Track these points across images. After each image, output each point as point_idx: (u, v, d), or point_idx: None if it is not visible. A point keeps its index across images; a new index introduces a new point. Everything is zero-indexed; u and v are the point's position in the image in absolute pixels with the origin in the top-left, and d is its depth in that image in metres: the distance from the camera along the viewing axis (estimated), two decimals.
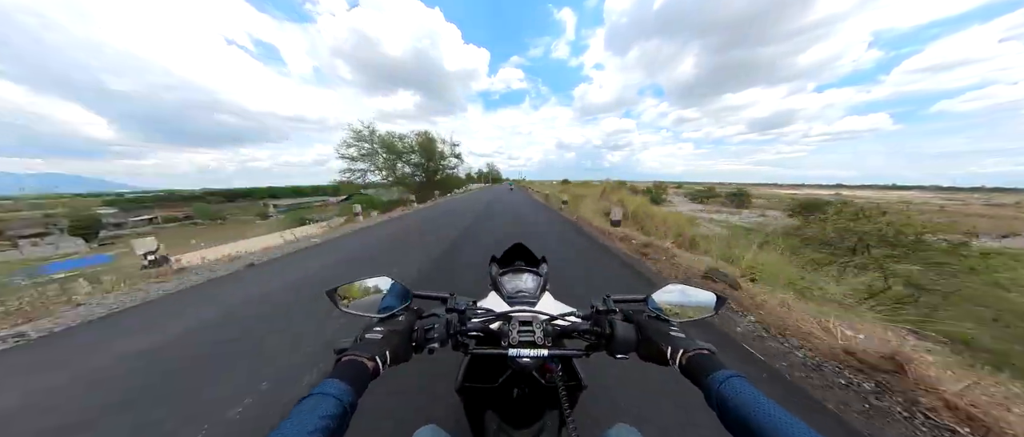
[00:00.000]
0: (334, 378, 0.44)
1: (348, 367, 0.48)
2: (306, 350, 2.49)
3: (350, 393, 0.43)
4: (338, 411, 0.40)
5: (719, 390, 0.43)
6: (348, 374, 0.46)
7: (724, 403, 0.42)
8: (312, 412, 0.38)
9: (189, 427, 1.74)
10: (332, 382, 0.43)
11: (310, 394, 0.41)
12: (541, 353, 0.61)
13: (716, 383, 0.44)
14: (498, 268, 1.23)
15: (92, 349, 2.71)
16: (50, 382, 2.22)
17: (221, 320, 3.20)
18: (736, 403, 0.41)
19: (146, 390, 2.10)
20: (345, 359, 0.50)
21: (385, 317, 0.64)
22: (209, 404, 1.93)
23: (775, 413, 0.38)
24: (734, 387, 0.42)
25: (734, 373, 0.45)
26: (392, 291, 0.71)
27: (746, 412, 0.39)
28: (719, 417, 0.43)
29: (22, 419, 1.88)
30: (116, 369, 2.37)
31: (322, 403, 0.39)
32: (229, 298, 3.85)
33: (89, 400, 2.02)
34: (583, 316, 0.74)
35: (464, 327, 0.68)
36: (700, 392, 0.47)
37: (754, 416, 0.38)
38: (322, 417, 0.38)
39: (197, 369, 2.33)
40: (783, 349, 2.44)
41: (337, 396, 0.41)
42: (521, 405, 0.76)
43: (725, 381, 0.44)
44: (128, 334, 2.97)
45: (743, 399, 0.41)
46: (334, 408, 0.39)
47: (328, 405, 0.39)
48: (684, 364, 0.51)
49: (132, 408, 1.93)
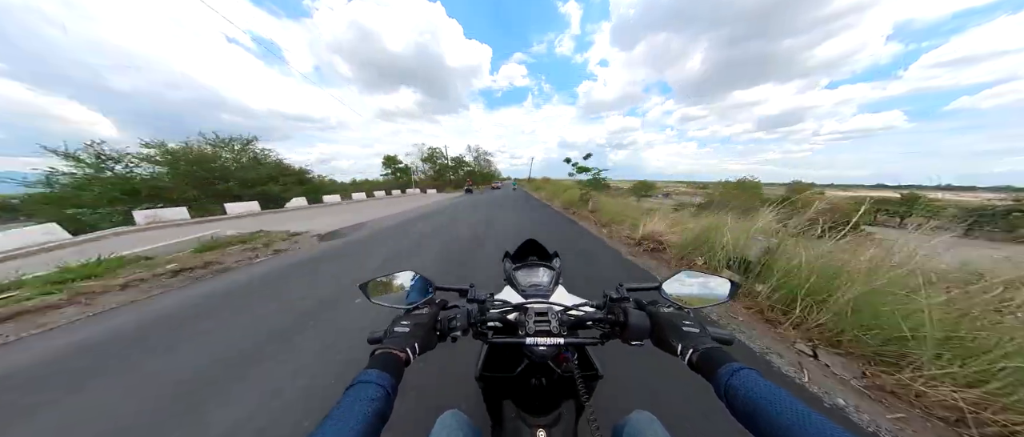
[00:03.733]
0: (374, 368, 0.48)
1: (383, 358, 0.52)
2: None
3: (389, 379, 0.47)
4: (383, 394, 0.44)
5: (728, 382, 0.44)
6: (384, 364, 0.50)
7: (733, 395, 0.43)
8: (361, 397, 0.42)
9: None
10: (372, 371, 0.47)
11: (355, 382, 0.45)
12: (557, 341, 0.63)
13: (725, 376, 0.45)
14: (512, 264, 1.25)
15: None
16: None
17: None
18: (744, 394, 0.41)
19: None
20: (379, 352, 0.54)
21: (411, 309, 0.69)
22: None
23: (784, 401, 0.38)
24: (743, 379, 0.43)
25: (743, 366, 0.46)
26: (416, 285, 0.76)
27: (754, 402, 0.40)
28: (728, 408, 0.44)
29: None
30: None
31: (367, 389, 0.44)
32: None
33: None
34: (597, 306, 0.76)
35: (483, 317, 0.71)
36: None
37: (762, 405, 0.39)
38: (371, 400, 0.42)
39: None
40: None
41: (379, 383, 0.45)
42: (538, 394, 0.78)
43: (734, 374, 0.44)
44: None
45: (751, 390, 0.41)
46: (379, 392, 0.44)
47: (373, 391, 0.44)
48: (693, 361, 0.51)
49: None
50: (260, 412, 1.79)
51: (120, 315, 3.33)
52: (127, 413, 1.84)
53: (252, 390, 1.98)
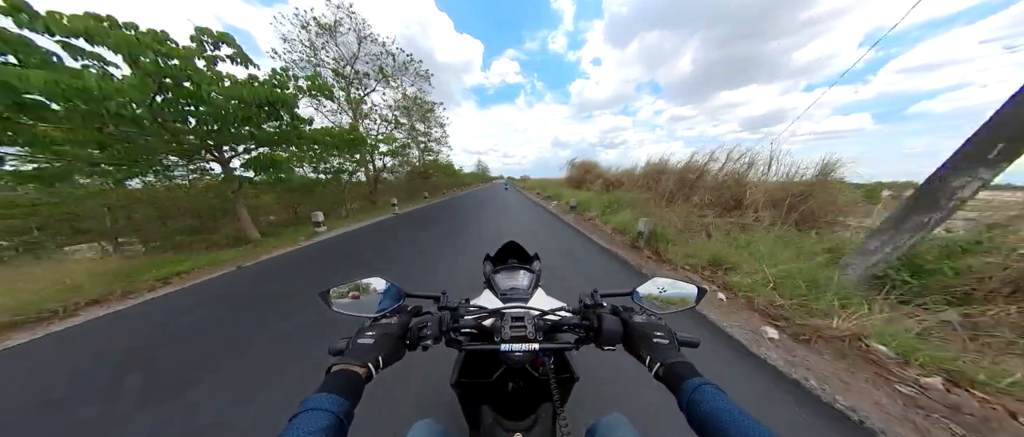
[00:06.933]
0: (324, 391, 0.43)
1: (339, 377, 0.47)
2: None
3: (342, 403, 0.42)
4: (332, 423, 0.40)
5: (690, 397, 0.46)
6: (339, 384, 0.46)
7: (694, 408, 0.45)
8: (304, 430, 0.38)
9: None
10: (322, 396, 0.42)
11: (301, 411, 0.40)
12: (532, 347, 0.62)
13: (688, 390, 0.47)
14: (492, 266, 1.24)
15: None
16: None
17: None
18: (703, 407, 0.43)
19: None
20: (336, 369, 0.49)
21: (378, 317, 0.66)
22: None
23: (737, 417, 0.41)
24: (703, 394, 0.45)
25: (705, 381, 0.48)
26: (386, 292, 0.73)
27: (711, 416, 0.42)
28: (688, 420, 0.46)
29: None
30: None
31: (315, 418, 0.39)
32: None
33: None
34: (573, 311, 0.76)
35: (457, 324, 0.70)
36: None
37: (717, 419, 0.41)
38: (320, 432, 0.38)
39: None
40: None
41: (329, 409, 0.41)
42: (516, 398, 0.78)
43: (696, 388, 0.46)
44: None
45: (710, 404, 0.43)
46: (328, 420, 0.39)
47: (322, 419, 0.39)
48: (660, 374, 0.53)
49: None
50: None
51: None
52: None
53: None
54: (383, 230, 7.98)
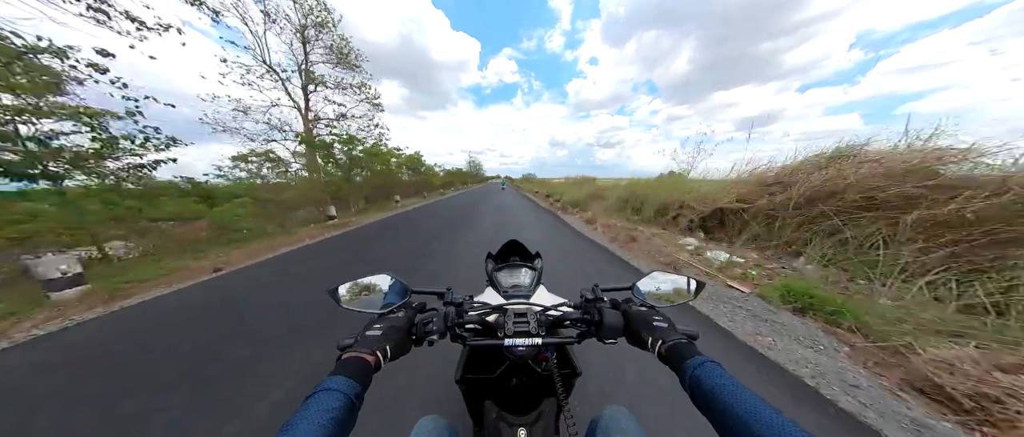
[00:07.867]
0: (337, 374, 0.45)
1: (350, 363, 0.49)
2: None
3: (354, 386, 0.44)
4: (345, 404, 0.41)
5: (693, 374, 0.46)
6: (351, 369, 0.47)
7: (696, 385, 0.45)
8: (319, 408, 0.39)
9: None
10: (336, 378, 0.44)
11: (315, 391, 0.42)
12: (535, 342, 0.63)
13: (691, 368, 0.47)
14: (494, 264, 1.25)
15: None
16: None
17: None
18: (705, 385, 0.44)
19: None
20: (346, 356, 0.51)
21: (385, 313, 0.67)
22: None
23: (741, 395, 0.41)
24: (706, 371, 0.45)
25: (708, 359, 0.48)
26: (392, 288, 0.74)
27: (714, 393, 0.42)
28: (691, 398, 0.46)
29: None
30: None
31: (328, 398, 0.41)
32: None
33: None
34: (574, 305, 0.76)
35: (461, 320, 0.71)
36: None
37: (721, 396, 0.41)
38: (332, 410, 0.39)
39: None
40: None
41: (342, 390, 0.42)
42: (519, 394, 0.79)
43: (698, 366, 0.46)
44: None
45: (713, 382, 0.43)
46: (340, 401, 0.41)
47: (335, 399, 0.41)
48: (663, 353, 0.53)
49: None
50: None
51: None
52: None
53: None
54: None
